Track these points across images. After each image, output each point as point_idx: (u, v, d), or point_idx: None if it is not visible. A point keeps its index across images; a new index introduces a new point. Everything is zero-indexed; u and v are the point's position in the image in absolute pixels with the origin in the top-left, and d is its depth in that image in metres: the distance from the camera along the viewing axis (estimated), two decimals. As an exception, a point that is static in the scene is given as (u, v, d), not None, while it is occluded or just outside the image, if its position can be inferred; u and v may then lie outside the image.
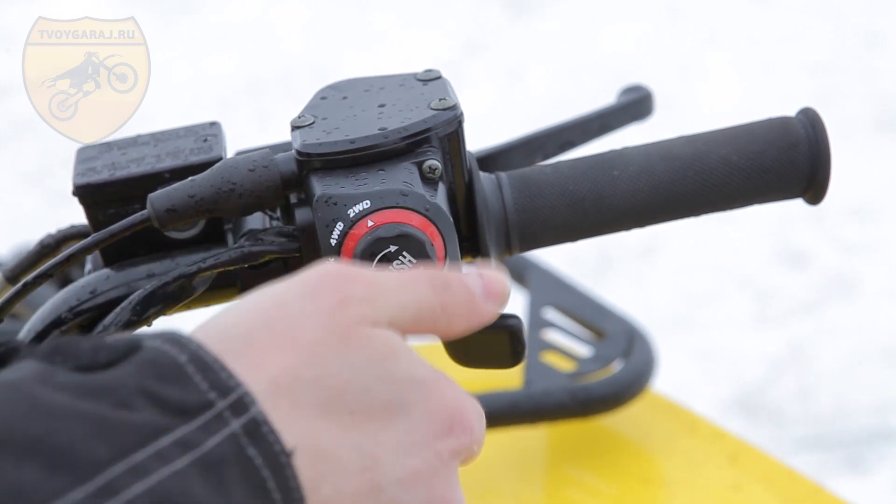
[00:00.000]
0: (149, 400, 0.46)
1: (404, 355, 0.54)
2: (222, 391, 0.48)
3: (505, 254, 0.74)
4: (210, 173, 0.67)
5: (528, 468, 1.16)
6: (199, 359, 0.48)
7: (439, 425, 0.54)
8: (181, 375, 0.48)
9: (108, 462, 0.44)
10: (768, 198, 0.74)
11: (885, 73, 3.22)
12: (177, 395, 0.47)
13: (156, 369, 0.47)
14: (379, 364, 0.52)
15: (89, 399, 0.46)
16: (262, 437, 0.48)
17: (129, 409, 0.46)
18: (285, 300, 0.53)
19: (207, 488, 0.46)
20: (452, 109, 0.69)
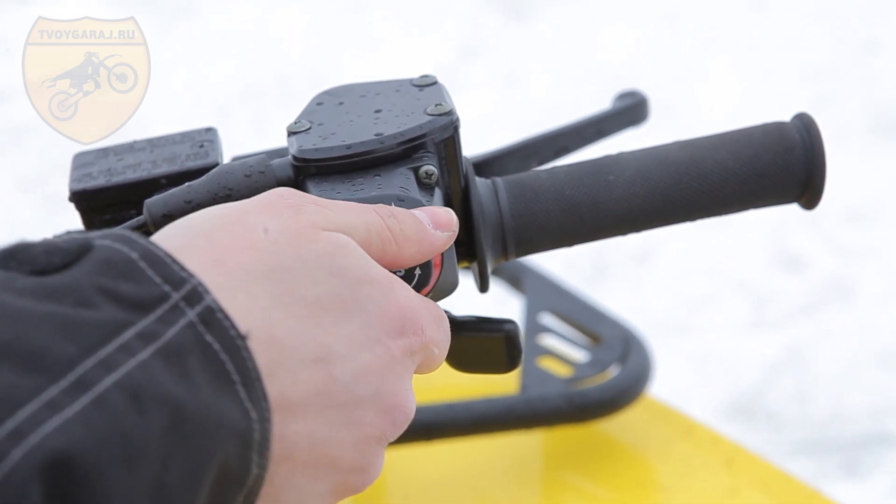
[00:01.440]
0: (108, 297, 0.48)
1: (355, 254, 0.57)
2: (175, 283, 0.50)
3: (501, 258, 0.74)
4: (206, 179, 0.67)
5: (524, 473, 1.16)
6: (150, 254, 0.51)
7: (392, 323, 0.57)
8: (135, 271, 0.50)
9: (77, 359, 0.46)
10: (764, 202, 0.74)
11: (883, 79, 3.23)
12: (133, 291, 0.49)
13: (110, 267, 0.50)
14: (330, 258, 0.56)
15: (51, 301, 0.48)
16: (217, 324, 0.50)
17: (90, 308, 0.48)
18: (245, 209, 0.56)
19: (172, 375, 0.48)
20: (448, 115, 0.69)
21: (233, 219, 0.56)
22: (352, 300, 0.56)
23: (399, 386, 0.58)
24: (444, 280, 0.66)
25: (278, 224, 0.56)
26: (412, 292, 0.60)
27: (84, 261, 0.50)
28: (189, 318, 0.50)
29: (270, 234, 0.55)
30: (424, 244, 0.62)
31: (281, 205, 0.57)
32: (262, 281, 0.53)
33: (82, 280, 0.49)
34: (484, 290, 0.74)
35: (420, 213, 0.63)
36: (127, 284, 0.49)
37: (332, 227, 0.57)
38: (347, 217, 0.59)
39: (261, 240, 0.55)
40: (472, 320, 0.71)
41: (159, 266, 0.50)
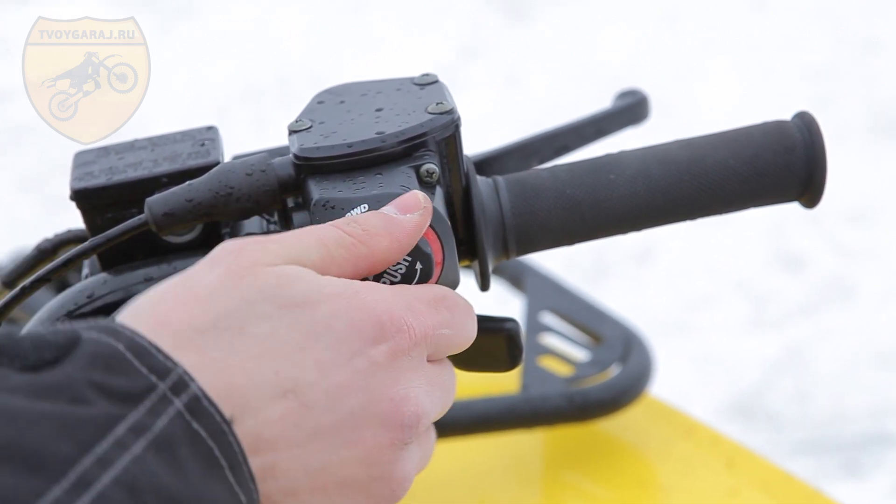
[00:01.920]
0: (99, 391, 0.49)
1: (304, 279, 0.56)
2: (161, 373, 0.50)
3: (502, 257, 0.74)
4: (208, 177, 0.67)
5: (525, 473, 1.16)
6: (135, 344, 0.51)
7: (368, 332, 0.56)
8: (123, 363, 0.50)
9: (76, 457, 0.47)
10: (764, 201, 0.74)
11: (883, 78, 3.23)
12: (122, 384, 0.49)
13: (99, 360, 0.50)
14: (275, 290, 0.55)
15: (46, 399, 0.48)
16: (203, 411, 0.51)
17: (83, 404, 0.48)
18: (189, 272, 0.56)
19: (165, 467, 0.48)
20: (450, 113, 0.69)
21: (175, 283, 0.56)
22: (311, 323, 0.55)
23: (394, 390, 0.57)
24: (444, 278, 0.66)
25: (219, 272, 0.55)
26: (386, 291, 0.58)
27: (74, 355, 0.50)
28: (177, 407, 0.50)
29: (211, 283, 0.55)
30: (396, 233, 0.61)
31: (221, 254, 0.57)
32: (209, 332, 0.53)
33: (74, 376, 0.49)
34: (485, 289, 0.74)
35: (384, 207, 0.63)
36: (116, 378, 0.50)
37: (277, 261, 0.56)
38: (294, 244, 0.58)
39: (201, 292, 0.54)
40: (473, 319, 0.71)
41: (145, 356, 0.51)
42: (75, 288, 0.72)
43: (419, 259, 0.64)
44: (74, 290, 0.72)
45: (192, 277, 0.56)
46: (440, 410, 0.60)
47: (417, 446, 0.58)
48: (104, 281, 0.72)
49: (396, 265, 0.64)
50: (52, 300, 0.73)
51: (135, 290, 0.71)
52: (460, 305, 0.62)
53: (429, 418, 0.58)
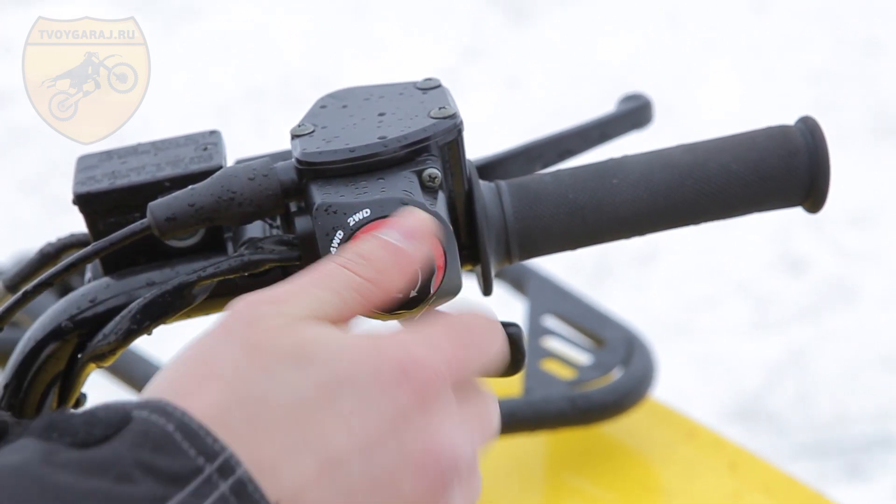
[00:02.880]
0: (146, 471, 0.49)
1: (321, 339, 0.55)
2: (209, 455, 0.50)
3: (505, 262, 0.74)
4: (210, 182, 0.67)
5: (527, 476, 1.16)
6: (185, 426, 0.51)
7: (390, 378, 0.54)
8: (171, 444, 0.50)
9: None
10: (768, 206, 0.74)
11: (884, 80, 3.23)
12: (169, 464, 0.50)
13: (148, 440, 0.50)
14: (292, 356, 0.54)
15: (93, 476, 0.48)
16: (248, 496, 0.50)
17: (129, 483, 0.49)
18: (202, 342, 0.55)
19: None
20: (452, 118, 0.69)
21: (193, 360, 0.55)
22: (335, 382, 0.54)
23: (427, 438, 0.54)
24: (447, 283, 0.66)
25: (236, 347, 0.54)
26: (405, 333, 0.57)
27: (124, 433, 0.50)
28: (221, 490, 0.50)
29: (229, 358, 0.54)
30: (404, 266, 0.59)
31: (235, 323, 0.55)
32: (234, 409, 0.52)
33: (123, 454, 0.49)
34: (487, 294, 0.74)
35: (387, 232, 0.60)
36: (164, 458, 0.50)
37: (291, 321, 0.55)
38: (308, 300, 0.56)
39: (219, 370, 0.54)
40: (476, 323, 0.71)
41: (194, 438, 0.51)
42: (78, 292, 0.72)
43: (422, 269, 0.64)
44: (77, 294, 0.72)
45: (208, 352, 0.55)
46: (483, 441, 0.58)
47: (461, 485, 0.56)
48: (107, 285, 0.72)
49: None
50: (55, 304, 0.73)
51: (137, 294, 0.71)
52: (483, 326, 0.60)
53: (468, 456, 0.56)
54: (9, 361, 0.73)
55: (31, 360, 0.72)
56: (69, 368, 0.72)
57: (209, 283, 0.71)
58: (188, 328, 0.70)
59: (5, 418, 0.55)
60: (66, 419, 0.51)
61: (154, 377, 0.56)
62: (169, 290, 0.69)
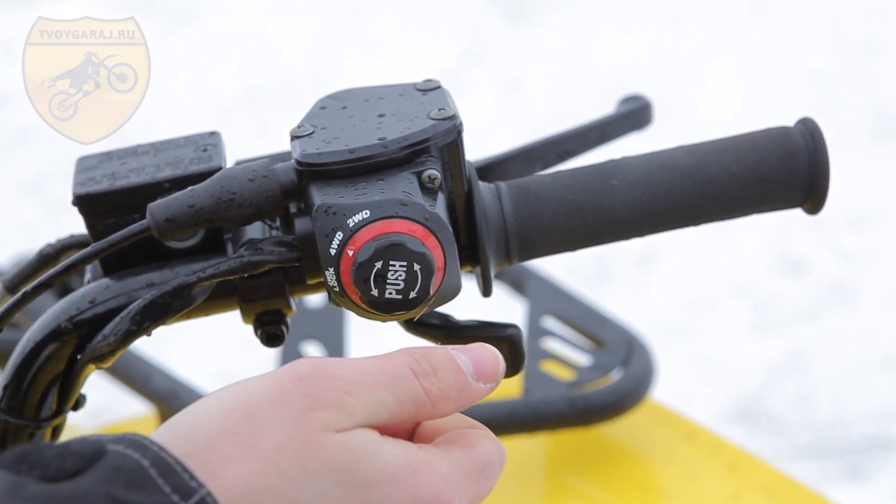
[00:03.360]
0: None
1: (369, 456, 0.54)
2: (184, 493, 0.49)
3: (504, 263, 0.74)
4: (209, 183, 0.67)
5: (527, 477, 1.16)
6: (161, 461, 0.50)
7: None
8: (145, 480, 0.49)
9: None
10: (767, 207, 0.74)
11: (884, 82, 3.23)
12: (142, 500, 0.48)
13: (121, 475, 0.49)
14: (337, 470, 0.53)
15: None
16: None
17: None
18: (253, 404, 0.53)
19: None
20: (452, 119, 0.69)
21: (239, 418, 0.53)
22: None
23: None
24: (446, 285, 0.66)
25: (286, 428, 0.53)
26: (442, 470, 0.56)
27: (96, 467, 0.49)
28: None
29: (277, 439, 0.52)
30: (463, 401, 0.58)
31: (296, 397, 0.53)
32: (261, 494, 0.51)
33: (93, 489, 0.48)
34: (487, 295, 0.74)
35: (465, 359, 0.59)
36: (136, 494, 0.48)
37: (349, 425, 0.54)
38: (372, 399, 0.55)
39: (263, 448, 0.52)
40: (475, 325, 0.71)
41: (169, 475, 0.49)
42: (77, 293, 0.72)
43: (421, 268, 0.64)
44: (76, 295, 0.72)
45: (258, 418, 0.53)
46: None
47: None
48: (106, 286, 0.72)
49: (396, 273, 0.64)
50: (55, 305, 0.73)
51: (137, 296, 0.71)
52: (496, 470, 0.59)
53: None
54: (8, 362, 0.73)
55: (30, 361, 0.72)
56: (69, 369, 0.72)
57: (209, 285, 0.71)
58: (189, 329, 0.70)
59: None
60: (37, 451, 0.50)
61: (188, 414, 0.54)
62: (168, 292, 0.69)
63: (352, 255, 0.64)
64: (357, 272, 0.64)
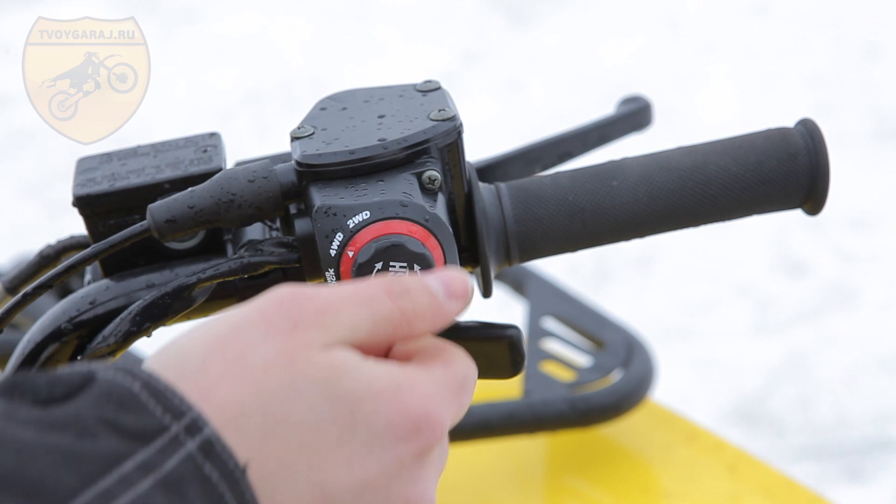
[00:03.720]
0: (109, 428, 0.49)
1: (354, 373, 0.55)
2: (175, 414, 0.50)
3: (504, 264, 0.74)
4: (210, 184, 0.67)
5: (526, 478, 1.16)
6: (151, 386, 0.51)
7: (402, 431, 0.55)
8: (136, 402, 0.50)
9: (78, 490, 0.47)
10: (767, 208, 0.74)
11: (884, 84, 3.23)
12: (134, 422, 0.49)
13: (112, 398, 0.50)
14: (325, 384, 0.54)
15: (53, 432, 0.48)
16: (216, 456, 0.50)
17: (91, 439, 0.48)
18: (239, 329, 0.54)
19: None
20: (452, 120, 0.69)
21: (223, 343, 0.54)
22: (351, 420, 0.54)
23: (412, 489, 0.56)
24: None
25: (274, 348, 0.54)
26: (423, 385, 0.57)
27: (87, 392, 0.50)
28: (188, 449, 0.50)
29: (265, 359, 0.54)
30: (437, 320, 0.60)
31: (278, 319, 0.55)
32: (253, 414, 0.52)
33: (84, 411, 0.49)
34: (487, 296, 0.74)
35: (434, 281, 0.60)
36: (128, 416, 0.49)
37: (331, 342, 0.55)
38: (350, 317, 0.56)
39: (252, 368, 0.53)
40: (476, 325, 0.71)
41: (160, 397, 0.50)
42: (77, 294, 0.72)
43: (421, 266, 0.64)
44: (76, 296, 0.72)
45: (242, 339, 0.54)
46: None
47: None
48: (106, 287, 0.72)
49: (396, 274, 0.63)
50: (55, 306, 0.73)
51: (137, 296, 0.71)
52: (471, 386, 0.61)
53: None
54: (8, 363, 0.73)
55: (30, 362, 0.72)
56: (69, 370, 0.72)
57: (209, 285, 0.71)
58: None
59: None
60: (28, 379, 0.51)
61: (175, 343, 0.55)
62: (168, 292, 0.70)
63: (352, 255, 0.64)
64: (357, 273, 0.64)
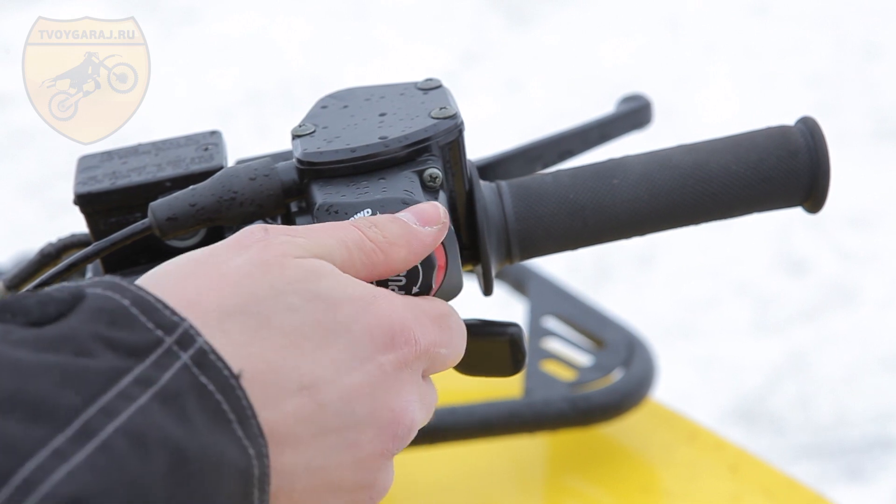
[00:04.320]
0: (104, 344, 0.49)
1: (331, 276, 0.57)
2: (167, 328, 0.51)
3: (505, 262, 0.74)
4: (211, 182, 0.67)
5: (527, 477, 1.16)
6: (141, 300, 0.51)
7: (380, 339, 0.57)
8: (128, 318, 0.51)
9: (80, 407, 0.47)
10: (768, 206, 0.74)
11: (885, 83, 3.23)
12: (128, 337, 0.50)
13: (104, 315, 0.50)
14: (303, 284, 0.56)
15: (50, 351, 0.49)
16: (210, 365, 0.51)
17: (88, 356, 0.49)
18: (215, 250, 0.57)
19: (171, 418, 0.49)
20: (453, 118, 0.69)
21: (203, 260, 0.56)
22: (332, 322, 0.56)
23: (396, 400, 0.57)
24: (448, 283, 0.66)
25: (249, 257, 0.56)
26: (399, 301, 0.59)
27: (78, 310, 0.50)
28: (183, 360, 0.50)
29: (241, 267, 0.55)
30: (414, 244, 0.62)
31: (250, 240, 0.57)
32: (237, 316, 0.53)
33: (78, 329, 0.50)
34: (488, 294, 0.74)
35: (404, 213, 0.63)
36: (121, 331, 0.50)
37: (304, 255, 0.57)
38: (320, 240, 0.59)
39: (232, 275, 0.55)
40: (477, 324, 0.71)
41: (151, 312, 0.51)
42: (78, 292, 0.72)
43: (422, 263, 0.64)
44: (78, 294, 0.72)
45: (219, 256, 0.56)
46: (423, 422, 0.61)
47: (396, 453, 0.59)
48: (107, 285, 0.72)
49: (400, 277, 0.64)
50: (56, 304, 0.73)
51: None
52: (457, 326, 0.63)
53: (415, 428, 0.59)
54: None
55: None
56: (70, 369, 0.72)
57: (210, 284, 0.71)
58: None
59: None
60: (18, 300, 0.51)
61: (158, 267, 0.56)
62: (170, 291, 0.70)
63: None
64: None
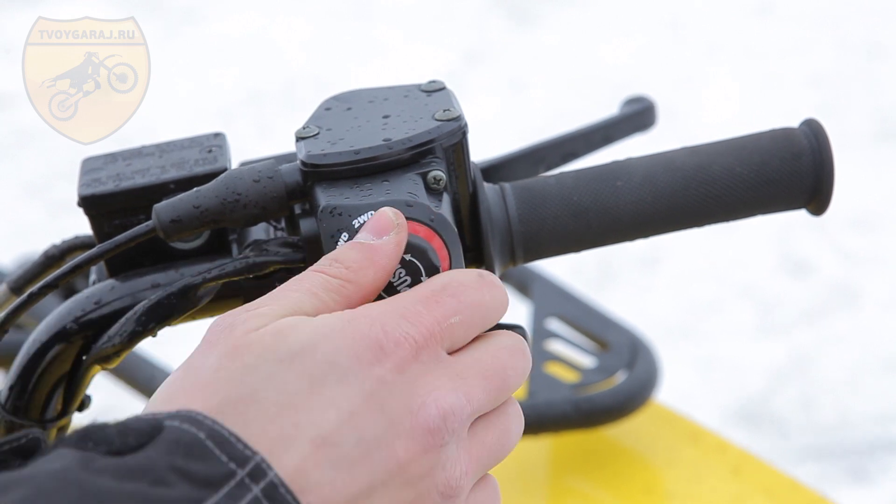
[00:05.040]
0: (180, 476, 0.51)
1: (297, 327, 0.57)
2: (240, 461, 0.53)
3: (509, 264, 0.74)
4: (215, 184, 0.67)
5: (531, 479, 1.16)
6: (215, 433, 0.53)
7: (367, 356, 0.56)
8: (204, 451, 0.52)
9: None
10: (772, 208, 0.74)
11: (887, 84, 3.23)
12: (203, 469, 0.52)
13: (181, 447, 0.52)
14: (271, 350, 0.56)
15: (130, 480, 0.50)
16: (280, 498, 0.53)
17: (165, 486, 0.51)
18: (189, 362, 0.58)
19: None
20: (457, 120, 0.69)
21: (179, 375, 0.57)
22: (314, 367, 0.56)
23: (410, 400, 0.57)
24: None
25: (217, 353, 0.57)
26: (377, 309, 0.58)
27: (157, 441, 0.52)
28: (254, 493, 0.52)
29: (213, 365, 0.56)
30: (378, 259, 0.61)
31: (215, 335, 0.58)
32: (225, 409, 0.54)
33: (157, 460, 0.51)
34: (491, 295, 0.74)
35: (361, 234, 0.62)
36: (197, 463, 0.52)
37: (270, 321, 0.57)
38: (284, 299, 0.59)
39: (206, 378, 0.56)
40: (480, 326, 0.71)
41: (225, 445, 0.53)
42: (83, 294, 0.73)
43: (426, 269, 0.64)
44: (82, 296, 0.72)
45: (192, 366, 0.57)
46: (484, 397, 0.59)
47: (458, 445, 0.58)
48: (111, 287, 0.72)
49: (402, 278, 0.63)
50: (60, 306, 0.73)
51: (142, 297, 0.71)
52: (467, 284, 0.61)
53: (462, 412, 0.58)
54: (14, 363, 0.73)
55: (35, 363, 0.72)
56: (74, 370, 0.72)
57: (214, 285, 0.71)
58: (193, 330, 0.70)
59: (37, 434, 0.56)
60: (99, 429, 0.53)
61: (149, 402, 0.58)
62: (174, 292, 0.70)
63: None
64: None
